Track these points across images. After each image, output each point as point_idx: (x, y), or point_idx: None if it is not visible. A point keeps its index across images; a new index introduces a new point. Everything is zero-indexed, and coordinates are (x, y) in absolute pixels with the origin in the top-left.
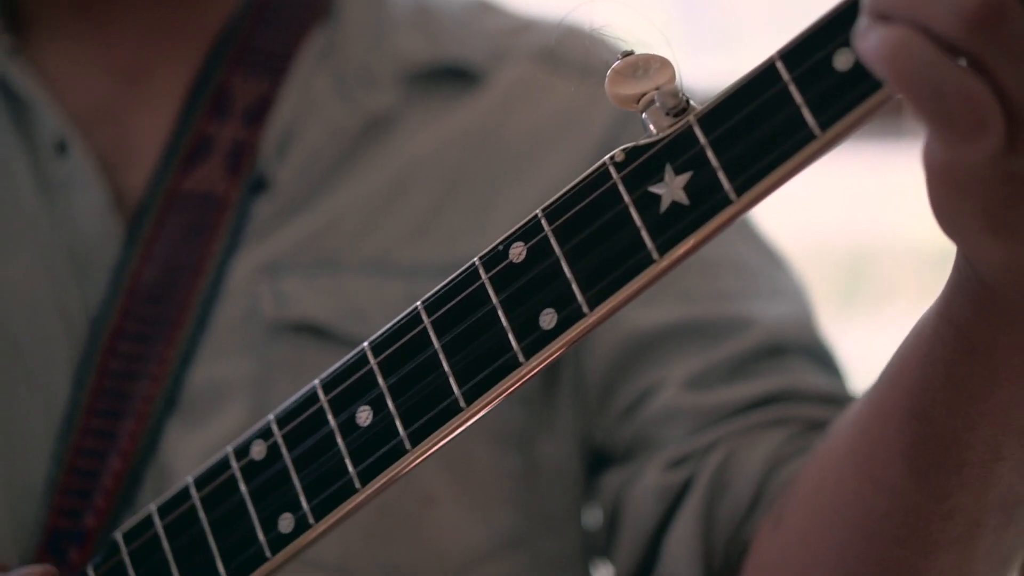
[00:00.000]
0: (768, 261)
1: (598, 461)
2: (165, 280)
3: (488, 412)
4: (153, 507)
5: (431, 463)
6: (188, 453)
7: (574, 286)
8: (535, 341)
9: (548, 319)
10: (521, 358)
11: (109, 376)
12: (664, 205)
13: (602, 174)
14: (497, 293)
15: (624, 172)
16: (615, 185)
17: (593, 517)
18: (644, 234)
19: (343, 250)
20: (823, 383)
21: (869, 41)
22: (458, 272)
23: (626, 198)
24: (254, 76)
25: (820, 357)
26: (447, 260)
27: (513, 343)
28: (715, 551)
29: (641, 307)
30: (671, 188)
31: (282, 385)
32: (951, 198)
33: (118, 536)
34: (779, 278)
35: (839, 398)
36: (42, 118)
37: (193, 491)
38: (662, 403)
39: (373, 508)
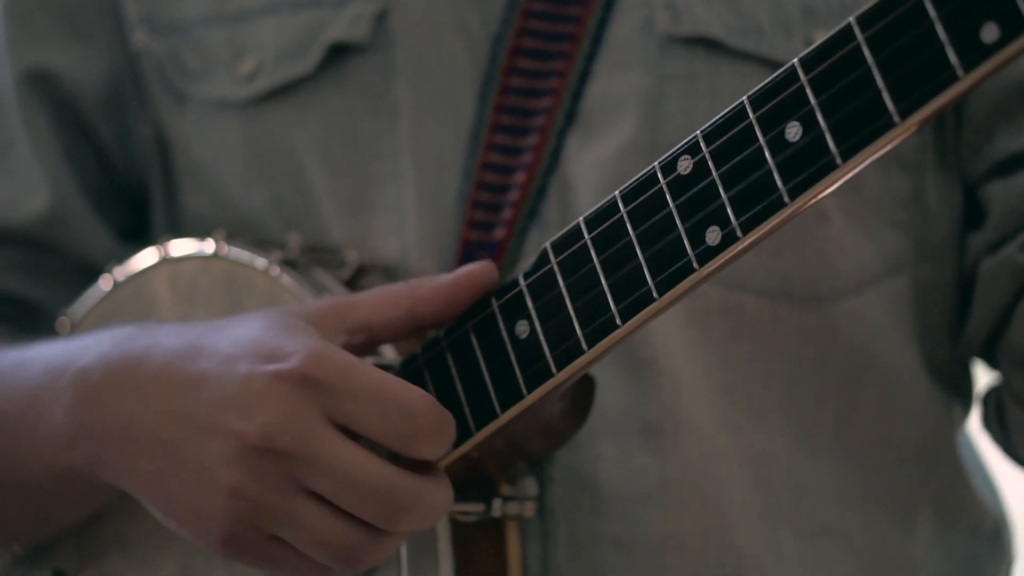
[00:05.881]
0: None
1: (968, 211)
2: None
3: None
4: (581, 220)
5: None
6: (586, 166)
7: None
8: (975, 56)
9: (990, 33)
10: (960, 72)
11: (511, 93)
12: None
13: None
14: (937, 8)
15: None
16: None
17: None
18: None
19: None
20: None
21: None
22: None
23: None
24: None
25: None
26: None
27: (952, 58)
28: None
29: None
30: None
31: (675, 99)
32: None
33: (548, 246)
34: None
35: None
36: None
37: (620, 205)
38: None
39: None
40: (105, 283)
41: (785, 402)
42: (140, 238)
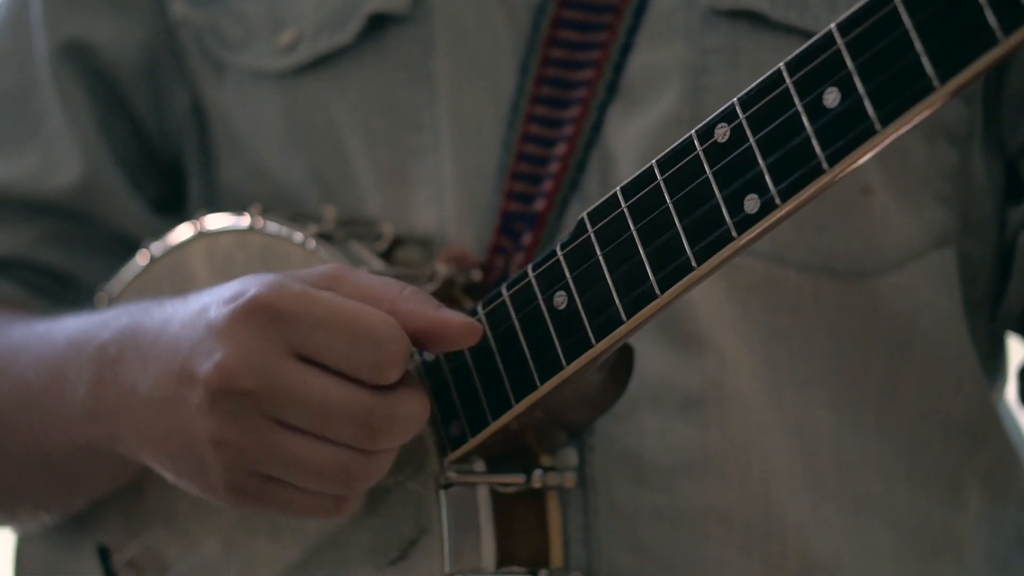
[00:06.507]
0: None
1: (1009, 187)
2: None
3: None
4: (618, 189)
5: None
6: (627, 139)
7: None
8: (1014, 18)
9: None
10: (999, 35)
11: (552, 64)
12: None
13: None
14: None
15: None
16: None
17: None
18: None
19: None
20: None
21: None
22: None
23: None
24: None
25: None
26: None
27: (991, 20)
28: None
29: None
30: None
31: (717, 72)
32: None
33: (584, 216)
34: None
35: None
36: None
37: (657, 173)
38: None
39: None
40: (142, 258)
41: (828, 375)
42: (175, 211)
